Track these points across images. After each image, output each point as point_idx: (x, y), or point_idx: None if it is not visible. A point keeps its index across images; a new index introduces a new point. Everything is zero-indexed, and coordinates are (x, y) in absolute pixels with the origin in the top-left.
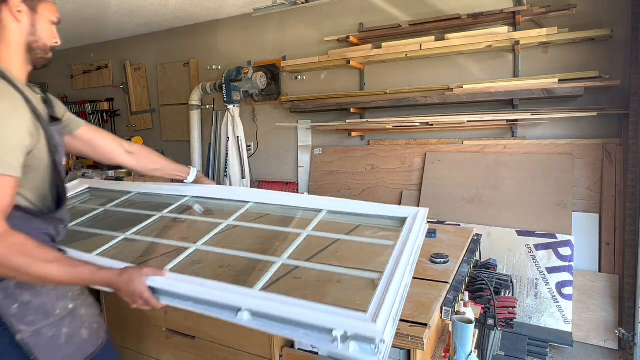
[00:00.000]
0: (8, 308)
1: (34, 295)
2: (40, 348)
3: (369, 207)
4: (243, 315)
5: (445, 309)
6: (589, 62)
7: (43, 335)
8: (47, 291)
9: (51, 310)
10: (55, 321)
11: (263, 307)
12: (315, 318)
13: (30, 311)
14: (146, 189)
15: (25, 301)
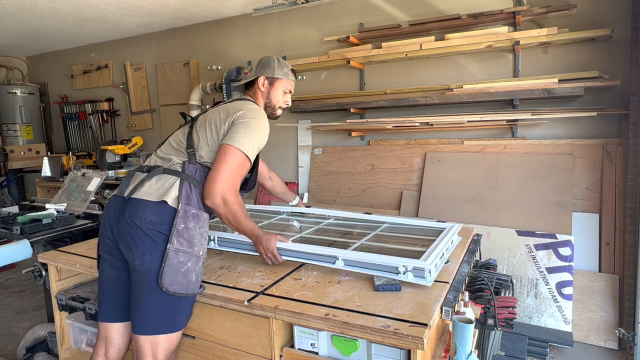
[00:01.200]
0: (179, 224)
1: (194, 227)
2: (170, 263)
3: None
4: (339, 262)
5: (445, 309)
6: (589, 62)
7: (178, 256)
8: (199, 232)
9: (193, 244)
10: (190, 253)
11: (353, 255)
12: (388, 260)
13: (185, 234)
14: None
15: (188, 227)
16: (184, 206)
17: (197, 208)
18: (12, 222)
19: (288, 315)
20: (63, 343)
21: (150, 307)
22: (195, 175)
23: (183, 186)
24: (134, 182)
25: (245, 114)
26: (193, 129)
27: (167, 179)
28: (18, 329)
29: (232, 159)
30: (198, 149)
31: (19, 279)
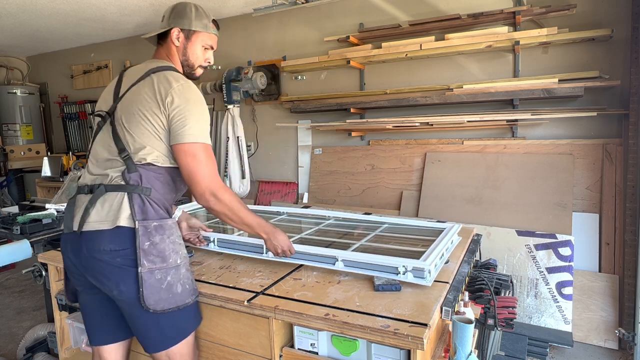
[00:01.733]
0: (142, 243)
1: (161, 240)
2: (148, 285)
3: (420, 222)
4: (339, 263)
5: (445, 309)
6: (589, 62)
7: (154, 275)
8: (169, 241)
9: (167, 257)
10: (165, 268)
11: (352, 256)
12: (387, 260)
13: (154, 251)
14: None
15: (154, 242)
16: (141, 223)
17: (157, 218)
18: (12, 222)
19: (288, 315)
20: (63, 343)
21: (149, 328)
22: (142, 182)
23: (133, 201)
24: (79, 211)
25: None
26: (116, 127)
27: (113, 198)
28: (18, 329)
29: (197, 155)
30: (134, 149)
31: (19, 279)
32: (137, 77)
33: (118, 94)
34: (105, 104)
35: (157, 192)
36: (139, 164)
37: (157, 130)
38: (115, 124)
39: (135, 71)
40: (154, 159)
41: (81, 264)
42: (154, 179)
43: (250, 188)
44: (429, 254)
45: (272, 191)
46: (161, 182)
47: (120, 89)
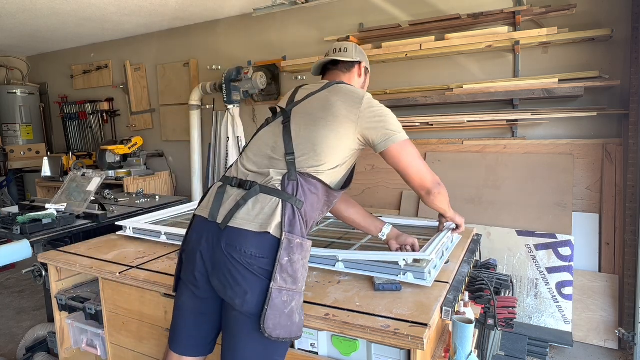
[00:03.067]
0: (282, 257)
1: (297, 260)
2: (273, 305)
3: (420, 222)
4: (339, 264)
5: (445, 309)
6: (589, 62)
7: (282, 295)
8: (302, 264)
9: (298, 279)
10: (294, 290)
11: (352, 256)
12: (387, 256)
13: (290, 269)
14: None
15: (292, 260)
16: (287, 235)
17: (301, 236)
18: (12, 222)
19: None
20: (63, 343)
21: (248, 354)
22: (296, 194)
23: (286, 210)
24: (227, 203)
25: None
26: (290, 126)
27: (267, 201)
28: (18, 329)
29: (408, 153)
30: (300, 154)
31: (19, 279)
32: (318, 88)
33: (293, 100)
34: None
35: (308, 208)
36: (301, 173)
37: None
38: (289, 123)
39: (311, 87)
40: (319, 171)
41: (213, 260)
42: (310, 193)
43: None
44: (428, 247)
45: None
46: (316, 198)
47: (295, 97)
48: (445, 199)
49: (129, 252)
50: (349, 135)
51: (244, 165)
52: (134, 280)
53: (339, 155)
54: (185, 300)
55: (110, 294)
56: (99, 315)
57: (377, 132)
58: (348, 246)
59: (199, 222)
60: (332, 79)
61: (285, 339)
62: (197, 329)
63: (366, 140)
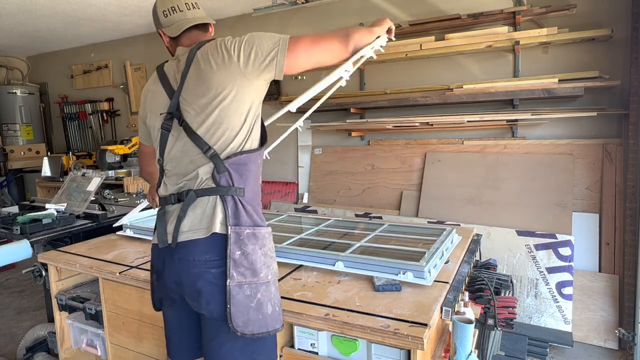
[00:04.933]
0: (234, 252)
1: (253, 250)
2: (236, 302)
3: (420, 221)
4: (339, 264)
5: (445, 309)
6: (589, 62)
7: (243, 290)
8: (260, 253)
9: (258, 271)
10: (256, 282)
11: (351, 257)
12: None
13: (245, 262)
14: None
15: (246, 252)
16: (234, 229)
17: (251, 225)
18: (12, 222)
19: (288, 315)
20: (63, 343)
21: (229, 356)
22: (233, 182)
23: (227, 204)
24: (171, 222)
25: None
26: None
27: (205, 203)
28: (18, 329)
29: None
30: (217, 141)
31: (19, 279)
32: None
33: (172, 89)
34: (159, 108)
35: (250, 192)
36: (228, 159)
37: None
38: (186, 121)
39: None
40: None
41: (174, 276)
42: (247, 173)
43: None
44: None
45: (272, 191)
46: (254, 175)
47: (170, 84)
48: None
49: (129, 252)
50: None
51: (170, 181)
52: (134, 280)
53: (247, 115)
54: (169, 314)
55: (110, 294)
56: (99, 315)
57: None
58: (348, 246)
59: (155, 249)
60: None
61: (261, 334)
62: (187, 337)
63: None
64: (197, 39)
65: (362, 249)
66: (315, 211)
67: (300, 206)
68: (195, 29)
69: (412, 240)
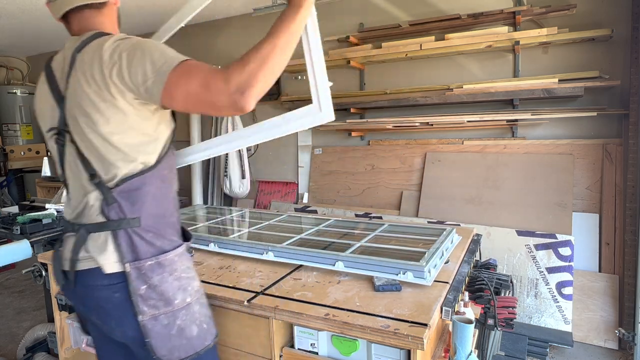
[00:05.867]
0: (138, 288)
1: (161, 281)
2: (154, 333)
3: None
4: (339, 264)
5: (445, 309)
6: (589, 62)
7: (159, 321)
8: (172, 280)
9: (171, 299)
10: (172, 311)
11: (351, 257)
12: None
13: (154, 295)
14: None
15: (153, 284)
16: (132, 265)
17: (154, 254)
18: (12, 222)
19: (288, 315)
20: (63, 343)
21: None
22: (124, 214)
23: (119, 239)
24: (67, 252)
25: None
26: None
27: (96, 239)
28: (18, 329)
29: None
30: (104, 168)
31: (19, 279)
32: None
33: (60, 93)
34: (51, 115)
35: (148, 218)
36: (116, 188)
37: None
38: (75, 140)
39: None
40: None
41: (78, 301)
42: (142, 198)
43: (250, 188)
44: (428, 257)
45: (272, 191)
46: (153, 195)
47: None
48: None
49: None
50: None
51: (70, 203)
52: None
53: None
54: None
55: None
56: None
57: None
58: (348, 246)
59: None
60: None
61: (190, 356)
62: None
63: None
64: (89, 23)
65: (362, 249)
66: (315, 211)
67: (300, 206)
68: (86, 9)
69: (412, 240)
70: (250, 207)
